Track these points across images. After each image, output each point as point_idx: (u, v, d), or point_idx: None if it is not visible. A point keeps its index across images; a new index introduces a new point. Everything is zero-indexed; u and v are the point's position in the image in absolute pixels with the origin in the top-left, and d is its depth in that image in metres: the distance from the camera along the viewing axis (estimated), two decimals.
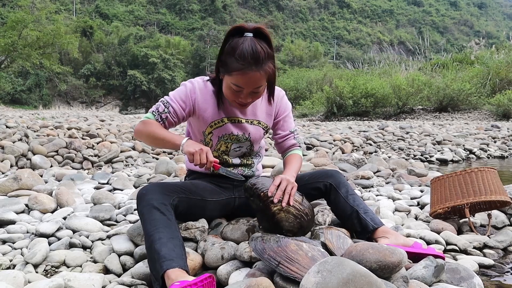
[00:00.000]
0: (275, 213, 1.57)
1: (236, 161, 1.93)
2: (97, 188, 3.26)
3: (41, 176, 3.82)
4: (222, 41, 1.65)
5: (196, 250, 1.68)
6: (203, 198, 1.77)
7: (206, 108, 1.78)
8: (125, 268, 1.67)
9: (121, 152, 5.22)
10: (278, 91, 1.90)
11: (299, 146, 1.98)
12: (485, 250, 2.02)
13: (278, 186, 1.61)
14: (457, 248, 1.99)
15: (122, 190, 3.19)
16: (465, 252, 1.98)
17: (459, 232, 2.24)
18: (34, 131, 5.64)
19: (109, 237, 1.95)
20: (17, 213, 2.31)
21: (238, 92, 1.62)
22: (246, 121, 1.85)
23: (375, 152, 6.84)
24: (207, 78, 1.81)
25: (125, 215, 2.35)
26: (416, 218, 2.51)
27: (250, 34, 1.58)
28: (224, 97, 1.76)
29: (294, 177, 1.74)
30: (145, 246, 1.49)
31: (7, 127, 5.63)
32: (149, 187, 1.61)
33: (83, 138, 5.50)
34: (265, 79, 1.61)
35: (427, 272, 1.41)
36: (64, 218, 2.22)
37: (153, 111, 1.77)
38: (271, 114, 1.92)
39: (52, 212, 2.41)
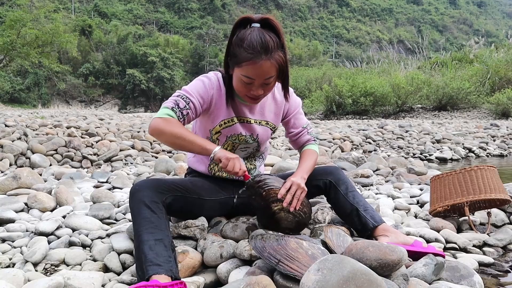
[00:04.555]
0: (275, 212, 1.59)
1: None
2: (96, 186, 3.26)
3: (40, 175, 3.81)
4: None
5: (196, 249, 1.68)
6: (200, 197, 1.75)
7: (220, 105, 1.73)
8: (124, 267, 1.67)
9: (120, 150, 5.22)
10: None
11: (314, 141, 1.97)
12: (484, 248, 2.02)
13: (289, 189, 1.61)
14: (457, 246, 1.99)
15: (121, 188, 3.18)
16: (465, 250, 1.98)
17: (459, 230, 2.24)
18: (33, 130, 5.64)
19: (108, 235, 1.94)
20: (17, 211, 2.31)
21: (249, 84, 1.59)
22: (254, 122, 1.82)
23: (375, 150, 6.84)
24: (220, 74, 1.75)
25: (124, 214, 2.35)
26: (415, 216, 2.51)
27: (257, 25, 1.56)
28: (235, 95, 1.73)
29: (305, 179, 1.71)
30: (134, 244, 1.48)
31: (6, 126, 5.62)
32: (142, 183, 1.58)
33: (82, 137, 5.49)
34: (276, 69, 1.57)
35: (427, 270, 1.41)
36: (64, 217, 2.22)
37: (172, 107, 1.63)
38: (279, 114, 1.89)
39: (52, 210, 2.41)
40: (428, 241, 2.00)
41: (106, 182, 3.52)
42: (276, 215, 1.59)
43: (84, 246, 1.88)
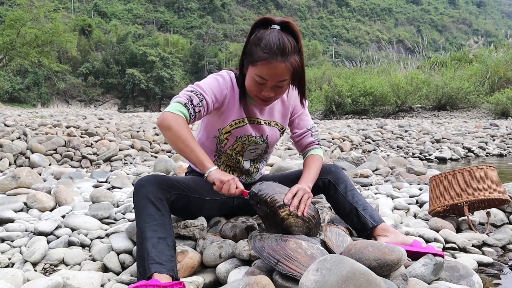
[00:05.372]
0: (284, 219, 1.52)
1: (247, 165, 1.88)
2: (95, 186, 3.26)
3: (40, 174, 3.82)
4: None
5: (195, 248, 1.68)
6: (201, 196, 1.74)
7: (232, 105, 1.71)
8: (124, 266, 1.67)
9: (120, 150, 5.22)
10: (291, 89, 1.81)
11: (318, 144, 1.92)
12: (484, 248, 2.02)
13: (295, 195, 1.56)
14: (456, 246, 1.99)
15: (121, 188, 3.18)
16: (464, 250, 1.98)
17: (458, 230, 2.24)
18: (33, 130, 5.64)
19: (108, 235, 1.95)
20: (16, 211, 2.31)
21: (261, 85, 1.57)
22: (264, 122, 1.80)
23: (374, 150, 6.84)
24: (233, 73, 1.74)
25: (124, 213, 2.35)
26: (415, 216, 2.51)
27: (277, 27, 1.55)
28: (247, 96, 1.71)
29: (310, 187, 1.68)
30: (136, 240, 1.46)
31: (5, 125, 5.62)
32: (148, 178, 1.56)
33: (81, 137, 5.49)
34: (290, 73, 1.55)
35: (426, 270, 1.41)
36: (63, 217, 2.22)
37: (186, 103, 1.58)
38: (286, 114, 1.87)
39: (51, 210, 2.41)
40: (427, 241, 2.00)
41: (106, 181, 3.52)
42: (285, 221, 1.51)
43: (83, 246, 1.88)
